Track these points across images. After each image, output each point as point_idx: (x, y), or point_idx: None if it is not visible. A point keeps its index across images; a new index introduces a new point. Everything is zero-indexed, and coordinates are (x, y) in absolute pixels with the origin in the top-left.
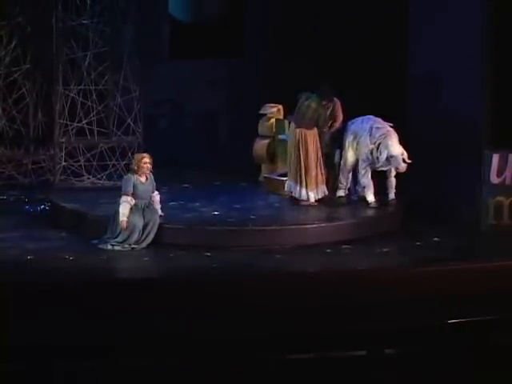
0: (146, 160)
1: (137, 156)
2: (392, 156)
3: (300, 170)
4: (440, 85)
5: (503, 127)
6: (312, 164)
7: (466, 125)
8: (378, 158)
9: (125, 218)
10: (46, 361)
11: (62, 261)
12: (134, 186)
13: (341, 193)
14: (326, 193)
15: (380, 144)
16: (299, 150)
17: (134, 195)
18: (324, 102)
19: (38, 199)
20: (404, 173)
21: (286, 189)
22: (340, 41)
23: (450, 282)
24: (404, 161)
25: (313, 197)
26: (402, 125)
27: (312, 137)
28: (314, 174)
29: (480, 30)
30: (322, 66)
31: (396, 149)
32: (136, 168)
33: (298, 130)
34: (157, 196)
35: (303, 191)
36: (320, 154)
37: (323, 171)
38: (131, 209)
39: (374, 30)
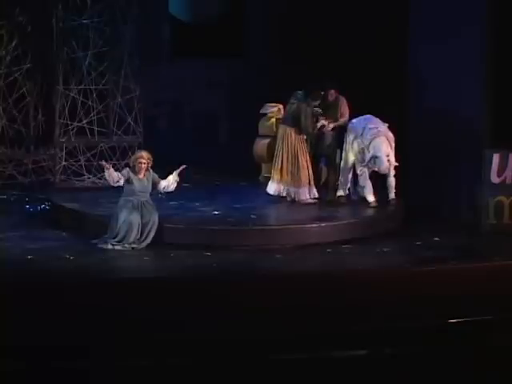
0: (142, 160)
1: (134, 154)
2: (376, 156)
3: (276, 164)
4: (440, 85)
5: (503, 127)
6: (294, 161)
7: (466, 125)
8: (365, 157)
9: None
10: (46, 361)
11: (62, 261)
12: (129, 182)
13: (341, 192)
14: (311, 195)
15: (370, 144)
16: (279, 146)
17: (129, 191)
18: (309, 100)
19: (39, 199)
20: (404, 172)
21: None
22: (340, 41)
23: (450, 281)
24: (389, 162)
25: (273, 190)
26: (402, 125)
27: (293, 134)
28: (297, 171)
29: (480, 29)
30: (321, 66)
31: (381, 149)
32: (132, 166)
33: (281, 125)
34: (164, 182)
35: (275, 185)
36: (304, 153)
37: (310, 170)
38: (128, 207)
39: (374, 30)
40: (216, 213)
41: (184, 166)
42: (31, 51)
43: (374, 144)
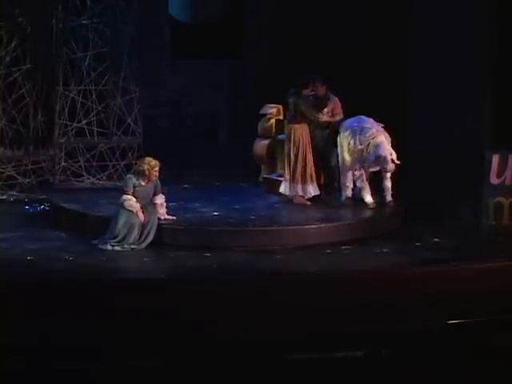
0: (157, 169)
1: (149, 161)
2: (380, 156)
3: (289, 164)
4: (440, 85)
5: (503, 127)
6: (300, 158)
7: (466, 125)
8: (366, 158)
9: (140, 214)
10: (46, 361)
11: (62, 261)
12: (134, 188)
13: (347, 194)
14: (318, 192)
15: (369, 144)
16: (289, 146)
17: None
18: (303, 91)
19: (38, 199)
20: (403, 173)
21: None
22: (340, 42)
23: (450, 281)
24: (393, 161)
25: (300, 190)
26: (402, 125)
27: (299, 130)
28: (300, 167)
29: (481, 29)
30: (321, 66)
31: (384, 149)
32: (147, 173)
33: (288, 126)
34: (159, 200)
35: (291, 186)
36: (308, 149)
37: (311, 167)
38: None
39: (374, 30)
40: (216, 214)
41: (174, 218)
42: (31, 52)
43: (376, 143)
